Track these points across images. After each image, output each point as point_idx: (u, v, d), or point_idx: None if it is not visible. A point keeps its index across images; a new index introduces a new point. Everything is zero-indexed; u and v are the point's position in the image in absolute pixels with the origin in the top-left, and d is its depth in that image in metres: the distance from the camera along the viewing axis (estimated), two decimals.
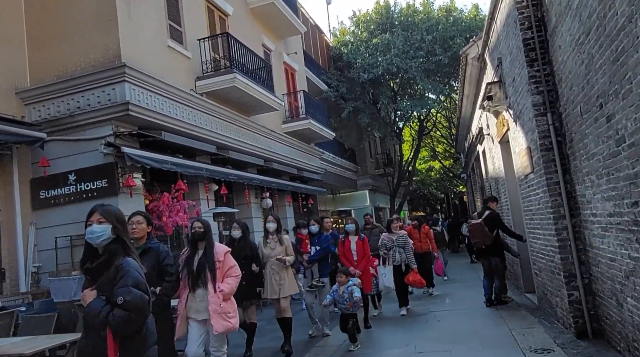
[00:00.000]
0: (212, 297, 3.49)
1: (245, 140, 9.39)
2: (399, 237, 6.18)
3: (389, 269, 6.06)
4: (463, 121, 11.35)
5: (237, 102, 9.02)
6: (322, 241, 5.48)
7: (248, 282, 4.45)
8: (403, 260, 6.10)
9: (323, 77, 15.97)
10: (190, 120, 7.67)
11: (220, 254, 3.64)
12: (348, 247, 5.65)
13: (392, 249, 6.12)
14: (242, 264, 4.28)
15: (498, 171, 7.35)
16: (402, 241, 6.15)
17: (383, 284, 6.07)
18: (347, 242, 5.69)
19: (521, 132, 5.18)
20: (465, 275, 10.13)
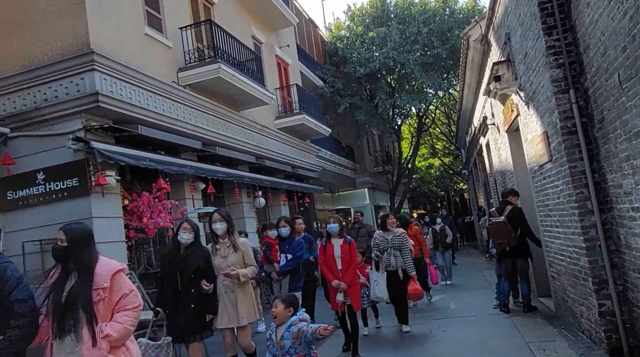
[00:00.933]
0: (87, 352, 2.08)
1: (235, 136, 8.68)
2: (395, 237, 5.01)
3: (382, 276, 4.89)
4: (464, 114, 10.60)
5: (224, 95, 8.30)
6: (293, 247, 4.50)
7: (198, 308, 3.32)
8: (399, 265, 4.91)
9: (318, 73, 15.25)
10: (172, 114, 6.96)
11: (104, 276, 2.17)
12: (331, 253, 4.32)
13: (387, 251, 4.98)
14: (191, 280, 3.31)
15: (505, 164, 6.61)
16: (398, 242, 4.98)
17: (374, 293, 4.90)
18: (329, 247, 4.35)
19: (535, 116, 4.44)
20: (470, 276, 9.38)
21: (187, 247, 3.41)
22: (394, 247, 4.98)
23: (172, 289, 3.34)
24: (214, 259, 3.52)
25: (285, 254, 4.46)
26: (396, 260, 4.92)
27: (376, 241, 5.13)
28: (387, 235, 5.07)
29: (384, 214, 5.35)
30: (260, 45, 10.84)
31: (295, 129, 11.28)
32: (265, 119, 10.24)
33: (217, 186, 8.95)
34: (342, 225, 4.50)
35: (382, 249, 5.03)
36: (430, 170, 27.49)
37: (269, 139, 10.15)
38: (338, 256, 4.30)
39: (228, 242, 3.55)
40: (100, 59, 5.66)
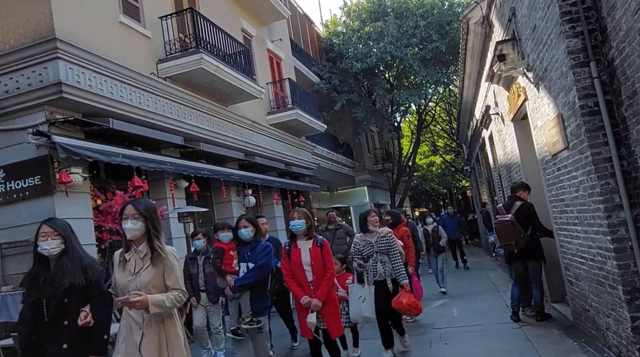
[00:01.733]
0: None
1: (222, 132, 8.10)
2: (380, 239, 3.94)
3: (369, 290, 3.77)
4: (464, 106, 9.95)
5: (209, 88, 7.72)
6: (257, 254, 3.38)
7: (73, 350, 2.20)
8: (388, 273, 3.90)
9: (314, 69, 14.64)
10: (150, 108, 6.38)
11: None
12: (297, 260, 3.25)
13: (372, 257, 3.91)
14: (63, 307, 2.23)
15: (511, 156, 5.97)
16: (384, 244, 3.92)
17: (359, 313, 3.75)
18: (295, 252, 3.28)
19: (547, 98, 3.81)
20: (474, 277, 8.72)
21: (57, 261, 2.30)
22: (381, 251, 3.93)
23: (34, 321, 2.25)
24: (117, 275, 2.31)
25: (246, 262, 3.38)
26: (384, 267, 3.91)
27: (357, 246, 4.01)
28: (370, 237, 3.99)
29: (363, 213, 4.12)
30: (251, 39, 10.25)
31: (289, 125, 10.68)
32: (257, 115, 9.66)
33: (204, 185, 8.38)
34: (312, 221, 3.36)
35: (365, 255, 3.97)
36: (431, 168, 26.82)
37: (260, 135, 9.56)
38: (307, 263, 3.23)
39: (144, 250, 2.28)
40: (65, 46, 5.10)
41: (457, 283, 8.09)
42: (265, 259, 3.44)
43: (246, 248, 3.50)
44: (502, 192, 7.65)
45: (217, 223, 3.86)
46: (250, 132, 9.12)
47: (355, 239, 4.13)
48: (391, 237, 4.01)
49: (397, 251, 3.98)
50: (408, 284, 3.93)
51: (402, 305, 3.77)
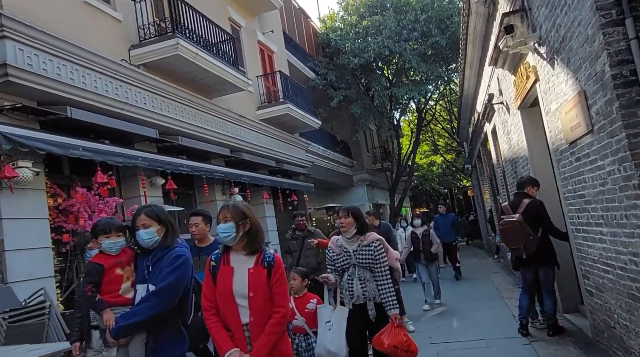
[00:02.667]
0: None
1: (204, 125, 7.44)
2: (361, 248, 2.84)
3: (340, 314, 2.74)
4: (465, 100, 9.25)
5: (189, 78, 7.06)
6: (162, 268, 2.04)
7: None
8: (370, 296, 2.79)
9: (310, 64, 13.99)
10: (119, 97, 5.73)
11: None
12: (226, 286, 1.98)
13: (347, 270, 2.85)
14: None
15: (517, 149, 5.27)
16: (367, 256, 2.82)
17: (323, 345, 2.72)
18: (224, 272, 2.02)
19: (565, 73, 3.12)
20: (476, 282, 8.01)
21: None
22: (361, 264, 2.81)
23: None
24: None
25: (146, 284, 2.05)
26: (364, 287, 2.79)
27: (330, 253, 2.94)
28: (349, 244, 2.88)
29: (339, 209, 3.07)
30: (239, 29, 9.61)
31: (280, 121, 10.02)
32: (246, 109, 9.00)
33: (187, 183, 7.73)
34: (254, 225, 2.04)
35: (340, 267, 2.88)
36: (432, 168, 26.10)
37: (249, 130, 8.90)
38: (242, 293, 1.96)
39: None
40: (12, 24, 4.45)
41: (457, 288, 7.39)
42: (169, 279, 1.98)
43: (146, 259, 2.11)
44: (507, 191, 6.95)
45: (97, 223, 2.31)
46: (237, 127, 8.46)
47: (330, 243, 2.99)
48: (378, 248, 2.84)
49: (386, 266, 2.83)
50: (399, 315, 2.77)
51: (383, 347, 2.63)
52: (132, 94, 5.96)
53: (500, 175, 7.31)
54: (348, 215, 2.86)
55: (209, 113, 7.60)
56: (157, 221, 2.13)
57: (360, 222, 2.88)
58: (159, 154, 6.53)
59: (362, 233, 2.88)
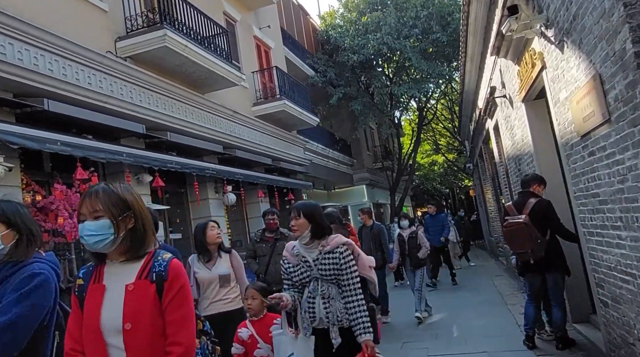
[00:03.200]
0: None
1: (195, 121, 7.12)
2: (324, 257, 2.18)
3: (304, 344, 2.11)
4: (467, 96, 8.88)
5: (180, 72, 6.75)
6: (12, 289, 1.40)
7: None
8: (334, 319, 2.14)
9: (309, 62, 13.65)
10: (104, 90, 5.43)
11: None
12: (93, 315, 1.29)
13: (309, 285, 2.20)
14: None
15: (521, 145, 4.91)
16: (331, 267, 2.16)
17: None
18: (93, 294, 1.32)
19: (576, 56, 2.77)
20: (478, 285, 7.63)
21: None
22: (325, 277, 2.16)
23: None
24: None
25: None
26: (327, 307, 2.14)
27: (286, 264, 2.29)
28: (308, 251, 2.22)
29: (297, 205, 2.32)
30: (235, 23, 9.29)
31: (277, 118, 9.68)
32: (240, 105, 8.68)
33: (178, 180, 7.43)
34: (138, 220, 1.35)
35: (298, 282, 2.23)
36: (433, 168, 25.70)
37: (243, 127, 8.57)
38: (114, 326, 1.27)
39: None
40: None
41: (457, 292, 7.02)
42: (15, 311, 1.38)
43: None
44: (510, 190, 6.58)
45: None
46: (231, 123, 8.14)
47: (284, 252, 2.31)
48: (345, 255, 2.16)
49: (355, 278, 2.16)
50: (372, 342, 2.06)
51: None
52: (118, 87, 5.65)
53: (502, 173, 6.94)
54: (299, 215, 2.15)
55: (200, 108, 7.29)
56: (4, 224, 1.48)
57: (316, 224, 2.16)
58: (147, 151, 6.22)
59: (322, 237, 2.18)
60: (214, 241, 3.14)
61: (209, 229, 3.13)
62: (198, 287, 3.05)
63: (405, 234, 5.54)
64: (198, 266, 3.12)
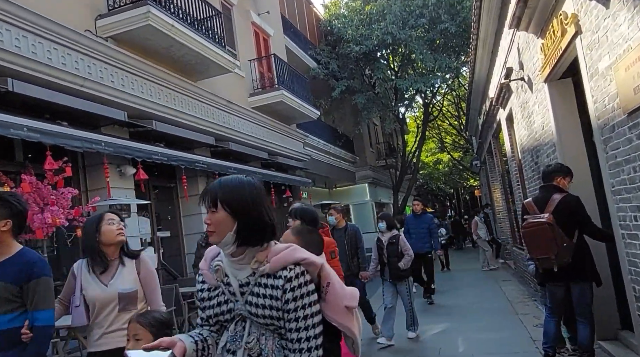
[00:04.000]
0: None
1: (185, 110, 6.62)
2: (256, 281, 1.19)
3: None
4: (476, 87, 8.30)
5: (167, 55, 6.25)
6: None
7: None
8: None
9: (311, 53, 13.12)
10: (80, 72, 4.95)
11: None
12: None
13: (230, 325, 1.21)
14: None
15: (541, 133, 4.35)
16: (269, 300, 1.16)
17: None
18: None
19: (630, 8, 2.20)
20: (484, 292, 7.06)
21: None
22: (256, 318, 1.17)
23: None
24: None
25: None
26: (258, 345, 1.16)
27: (199, 283, 1.29)
28: (236, 268, 1.22)
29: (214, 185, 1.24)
30: (231, 8, 8.78)
31: (274, 109, 9.17)
32: (236, 95, 8.17)
33: (167, 174, 6.94)
34: None
35: (213, 316, 1.25)
36: (438, 166, 25.07)
37: (239, 118, 8.07)
38: None
39: None
40: None
41: (461, 299, 6.45)
42: None
43: None
44: (522, 187, 6.03)
45: None
46: (225, 114, 7.63)
47: (201, 262, 1.29)
48: (295, 286, 1.16)
49: (313, 329, 1.16)
50: None
51: None
52: (97, 69, 5.16)
53: (515, 169, 6.37)
54: (215, 206, 1.18)
55: (191, 96, 6.78)
56: None
57: (243, 223, 1.17)
58: (130, 141, 5.73)
59: (256, 244, 1.20)
60: (113, 240, 2.05)
61: (104, 223, 2.05)
62: (87, 309, 2.04)
63: (385, 239, 4.54)
64: (87, 278, 2.05)
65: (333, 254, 3.08)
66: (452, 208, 31.09)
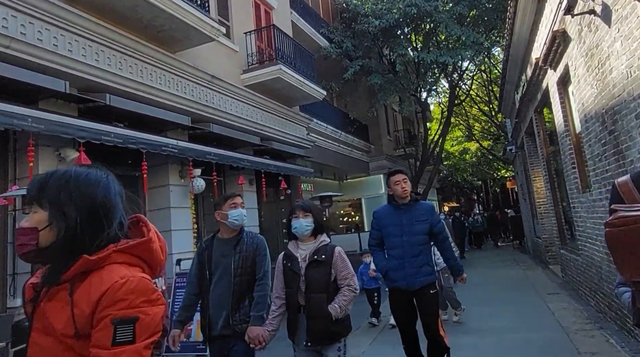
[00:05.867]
0: None
1: (155, 84, 5.51)
2: None
3: None
4: (515, 51, 6.76)
5: (133, 19, 5.14)
6: None
7: None
8: None
9: (323, 31, 11.78)
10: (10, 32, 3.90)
11: None
12: None
13: None
14: None
15: (626, 85, 2.89)
16: None
17: None
18: None
19: None
20: (523, 308, 5.57)
21: None
22: None
23: None
24: None
25: None
26: None
27: None
28: None
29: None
30: None
31: (272, 88, 7.95)
32: (226, 71, 7.01)
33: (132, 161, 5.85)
34: None
35: None
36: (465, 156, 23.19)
37: (226, 97, 6.92)
38: None
39: None
40: None
41: (495, 319, 5.01)
42: None
43: None
44: (580, 172, 4.55)
45: None
46: (208, 91, 6.48)
47: None
48: None
49: None
50: None
51: None
52: (32, 30, 4.13)
53: (569, 148, 4.87)
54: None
55: (165, 69, 5.67)
56: None
57: None
58: (80, 119, 4.67)
59: None
60: None
61: None
62: None
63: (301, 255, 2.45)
64: None
65: None
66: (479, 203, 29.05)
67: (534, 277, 7.63)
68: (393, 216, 3.00)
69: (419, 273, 2.88)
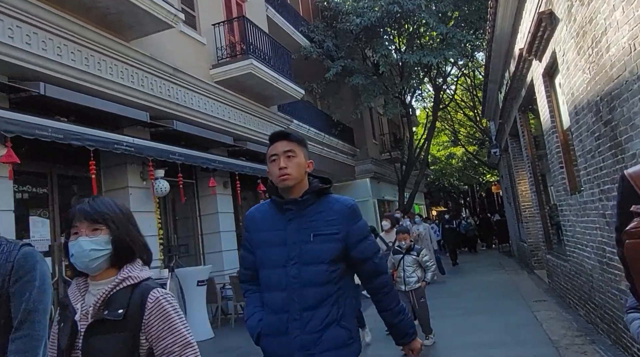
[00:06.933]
0: None
1: (104, 75, 4.92)
2: None
3: None
4: (497, 46, 6.34)
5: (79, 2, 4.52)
6: None
7: None
8: None
9: (303, 29, 11.31)
10: None
11: None
12: None
13: None
14: None
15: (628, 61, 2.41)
16: None
17: None
18: None
19: None
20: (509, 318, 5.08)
21: None
22: None
23: None
24: None
25: None
26: None
27: None
28: None
29: None
30: None
31: (245, 85, 7.41)
32: (191, 65, 6.45)
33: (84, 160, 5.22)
34: None
35: None
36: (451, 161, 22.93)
37: (192, 92, 6.36)
38: None
39: None
40: None
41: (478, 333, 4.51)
42: None
43: None
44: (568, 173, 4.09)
45: None
46: (169, 85, 5.90)
47: None
48: None
49: None
50: None
51: None
52: None
53: (556, 146, 4.43)
54: None
55: (112, 56, 5.06)
56: None
57: None
58: (10, 111, 4.06)
59: None
60: None
61: None
62: None
63: None
64: None
65: None
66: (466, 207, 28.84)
67: (520, 282, 7.18)
68: (272, 223, 1.50)
69: (320, 343, 1.38)
